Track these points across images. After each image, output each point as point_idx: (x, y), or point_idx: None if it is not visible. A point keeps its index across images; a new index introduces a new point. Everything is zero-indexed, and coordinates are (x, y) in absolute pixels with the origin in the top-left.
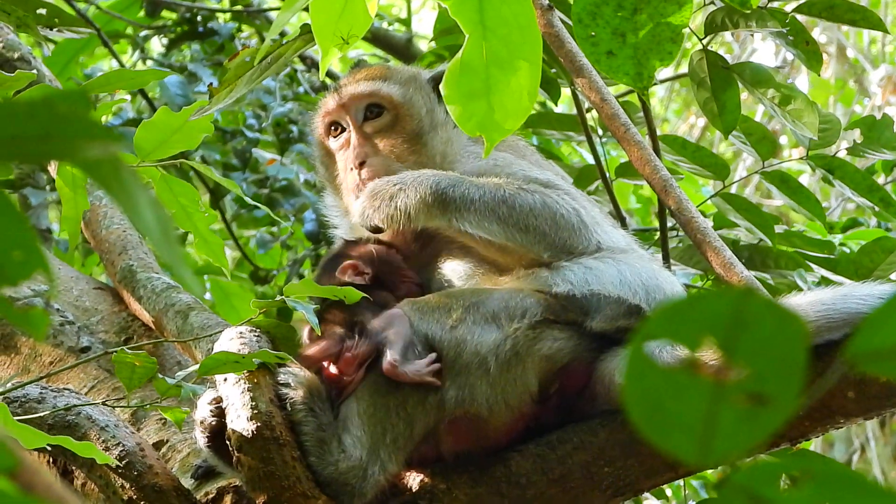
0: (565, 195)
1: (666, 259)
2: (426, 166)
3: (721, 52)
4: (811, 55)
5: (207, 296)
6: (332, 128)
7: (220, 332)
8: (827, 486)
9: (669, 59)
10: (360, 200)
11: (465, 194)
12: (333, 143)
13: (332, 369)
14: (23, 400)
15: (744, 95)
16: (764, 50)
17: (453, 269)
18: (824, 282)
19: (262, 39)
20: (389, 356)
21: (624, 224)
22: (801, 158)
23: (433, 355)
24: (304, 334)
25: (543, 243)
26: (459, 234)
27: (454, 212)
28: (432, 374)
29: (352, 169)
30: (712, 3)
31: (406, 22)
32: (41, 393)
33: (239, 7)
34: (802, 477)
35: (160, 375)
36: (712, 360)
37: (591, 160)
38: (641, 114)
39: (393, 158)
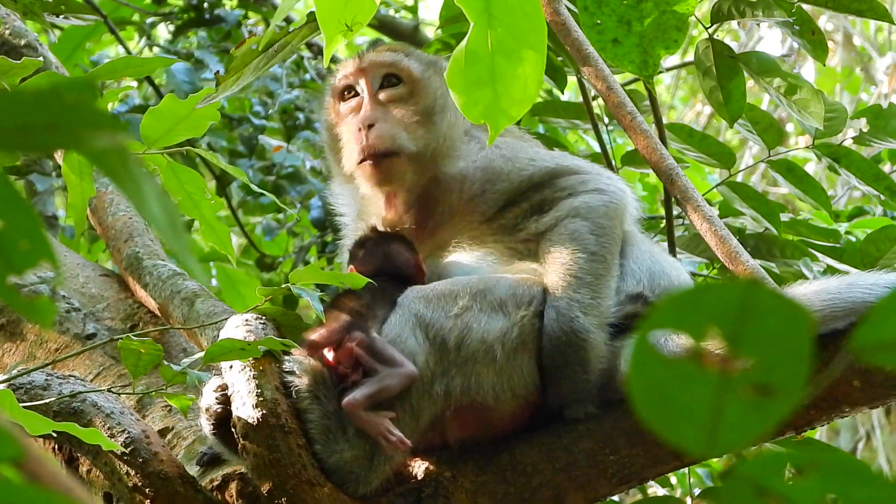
0: (572, 175)
1: (672, 247)
2: (430, 143)
3: (727, 40)
4: (817, 45)
5: (214, 283)
6: (346, 92)
7: (226, 319)
8: (832, 476)
9: (675, 47)
10: None
11: (588, 319)
12: (344, 107)
13: (331, 357)
14: (28, 387)
15: (750, 84)
16: (770, 39)
17: (461, 258)
18: (830, 270)
19: (269, 26)
20: (357, 393)
21: None
22: (808, 147)
23: (392, 415)
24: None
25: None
26: None
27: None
28: (388, 437)
29: (359, 129)
30: None
31: (412, 9)
32: (47, 379)
33: None
34: (807, 467)
35: (166, 362)
36: (718, 350)
37: (597, 148)
38: (647, 102)
39: (401, 128)
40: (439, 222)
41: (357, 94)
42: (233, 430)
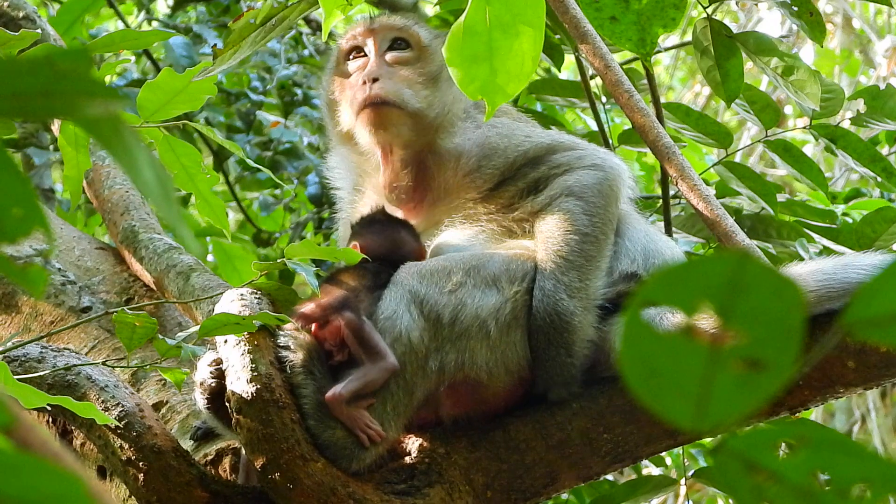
0: (568, 152)
1: (668, 227)
2: (432, 107)
3: (726, 21)
4: (814, 26)
5: (210, 258)
6: (353, 52)
7: (221, 293)
8: (822, 453)
9: (673, 25)
10: None
11: (573, 302)
12: (350, 66)
13: (320, 332)
14: (23, 359)
15: (749, 65)
16: (769, 19)
17: (455, 234)
18: (826, 251)
19: (267, 1)
20: (341, 388)
21: None
22: (805, 128)
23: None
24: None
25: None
26: None
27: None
28: (366, 431)
29: (364, 82)
30: None
31: None
32: (41, 352)
33: None
34: (797, 443)
35: (160, 336)
36: (709, 325)
37: (594, 127)
38: (645, 81)
39: (405, 85)
40: (435, 198)
41: (364, 55)
42: (227, 404)
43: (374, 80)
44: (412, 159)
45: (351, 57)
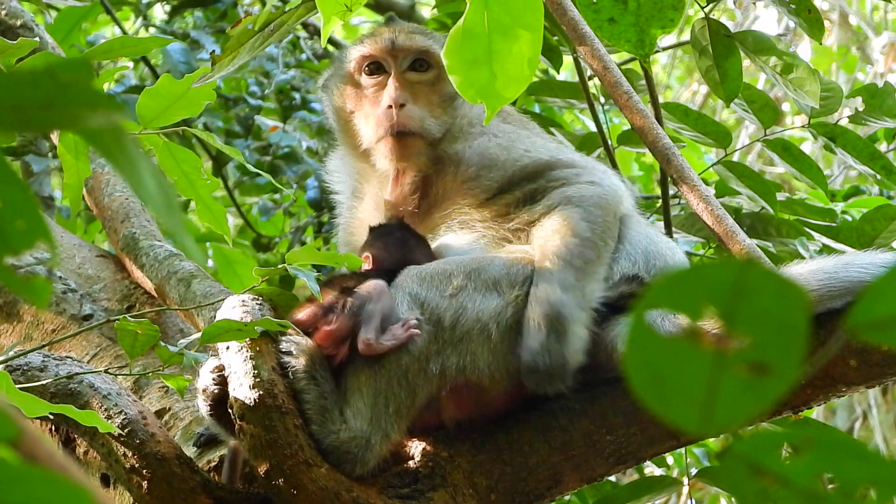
0: (566, 168)
1: (668, 227)
2: (449, 129)
3: (724, 19)
4: (813, 23)
5: (210, 263)
6: (370, 67)
7: (223, 300)
8: (827, 455)
9: (671, 26)
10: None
11: (567, 295)
12: (367, 80)
13: (315, 336)
14: (25, 368)
15: (746, 63)
16: (766, 18)
17: (455, 239)
18: (826, 250)
19: (265, 6)
20: (363, 335)
21: None
22: (803, 126)
23: (412, 317)
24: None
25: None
26: None
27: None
28: (411, 328)
29: (389, 107)
30: None
31: None
32: (43, 361)
33: None
34: (803, 446)
35: (162, 343)
36: (713, 329)
37: (593, 128)
38: (644, 81)
39: (427, 112)
40: (433, 203)
41: (383, 72)
42: (230, 410)
43: (402, 105)
44: (421, 179)
45: (367, 69)
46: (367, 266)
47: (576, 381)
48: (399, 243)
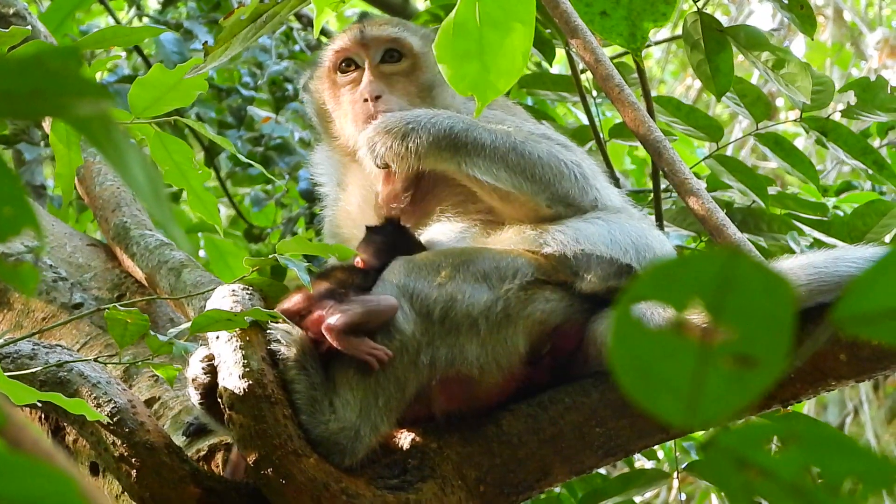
0: (563, 148)
1: (659, 220)
2: None
3: (718, 14)
4: (805, 19)
5: (202, 253)
6: (344, 64)
7: (213, 289)
8: (814, 448)
9: (663, 20)
10: (369, 132)
11: (477, 139)
12: (342, 79)
13: (302, 322)
14: (15, 356)
15: (740, 58)
16: (760, 12)
17: (444, 230)
18: (817, 244)
19: None
20: (334, 320)
21: (617, 184)
22: (795, 121)
23: (383, 349)
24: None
25: (547, 193)
26: (466, 178)
27: (465, 156)
28: (374, 355)
29: (365, 100)
30: None
31: None
32: (33, 349)
33: None
34: (789, 438)
35: (152, 332)
36: (699, 321)
37: (585, 121)
38: (636, 75)
39: (406, 102)
40: (425, 191)
41: (357, 67)
42: (219, 400)
43: (377, 97)
44: (414, 176)
45: (343, 68)
46: (358, 262)
47: (568, 376)
48: (397, 247)
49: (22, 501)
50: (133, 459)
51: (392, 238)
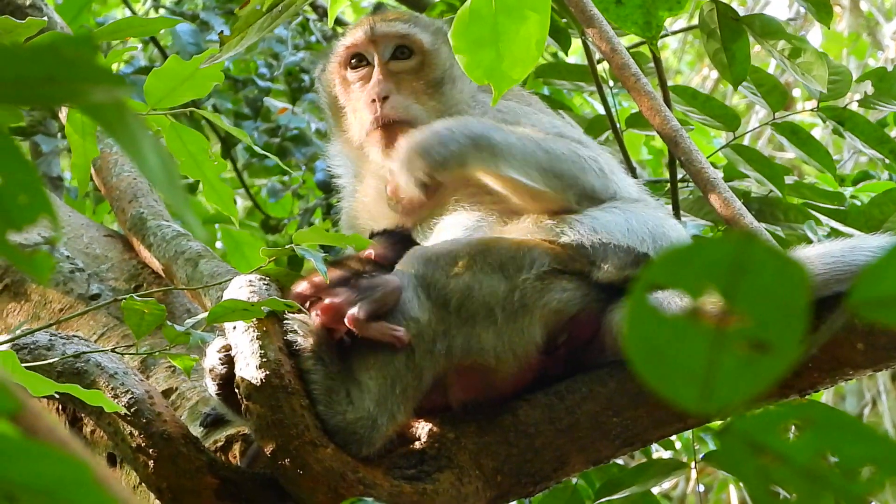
0: (580, 145)
1: (676, 210)
2: (442, 114)
3: (734, 4)
4: (821, 8)
5: (219, 244)
6: (354, 60)
7: (230, 280)
8: (829, 435)
9: (678, 8)
10: (401, 155)
11: (508, 141)
12: (352, 75)
13: (313, 307)
14: (32, 347)
15: (756, 48)
16: (777, 2)
17: (460, 220)
18: (834, 234)
19: None
20: (355, 310)
21: (634, 174)
22: (812, 110)
23: (402, 330)
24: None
25: (575, 189)
26: (501, 180)
27: (502, 158)
28: (398, 335)
29: (373, 101)
30: None
31: None
32: (50, 340)
33: None
34: (804, 424)
35: (169, 323)
36: (714, 307)
37: (601, 111)
38: (652, 64)
39: (413, 100)
40: (439, 187)
41: (367, 63)
42: (236, 390)
43: (384, 97)
44: None
45: (353, 64)
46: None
47: (585, 365)
48: (404, 244)
49: (38, 488)
50: (150, 450)
51: (398, 248)
